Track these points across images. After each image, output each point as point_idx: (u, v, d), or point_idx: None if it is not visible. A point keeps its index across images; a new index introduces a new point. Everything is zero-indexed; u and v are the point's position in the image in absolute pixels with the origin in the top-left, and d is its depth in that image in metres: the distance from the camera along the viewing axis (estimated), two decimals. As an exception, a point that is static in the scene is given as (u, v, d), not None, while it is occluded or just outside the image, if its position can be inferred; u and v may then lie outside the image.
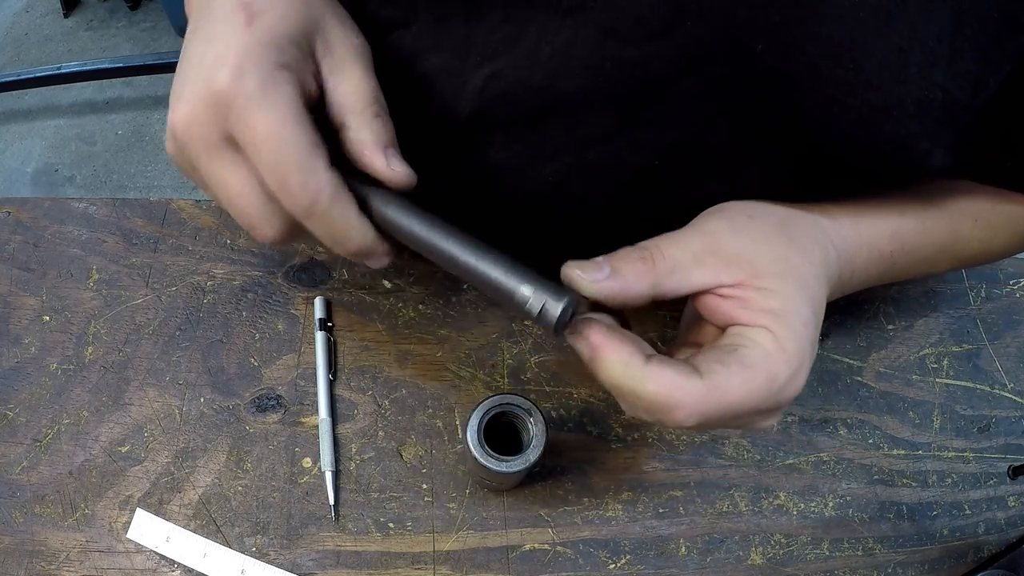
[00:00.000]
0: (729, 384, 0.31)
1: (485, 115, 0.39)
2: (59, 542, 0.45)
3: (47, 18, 1.95)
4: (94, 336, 0.51)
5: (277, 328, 0.52)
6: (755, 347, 0.32)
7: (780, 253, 0.34)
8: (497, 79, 0.37)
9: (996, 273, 0.58)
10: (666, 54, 0.33)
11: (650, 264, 0.33)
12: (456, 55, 0.38)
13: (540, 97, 0.37)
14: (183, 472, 0.47)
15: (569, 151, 0.39)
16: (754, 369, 0.32)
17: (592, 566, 0.46)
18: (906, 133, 0.33)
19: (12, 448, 0.47)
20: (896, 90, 0.32)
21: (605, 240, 0.46)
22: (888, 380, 0.53)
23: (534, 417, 0.40)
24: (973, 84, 0.32)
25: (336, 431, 0.49)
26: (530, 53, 0.36)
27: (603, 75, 0.35)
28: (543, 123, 0.38)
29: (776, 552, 0.47)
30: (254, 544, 0.45)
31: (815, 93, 0.33)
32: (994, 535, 0.49)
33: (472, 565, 0.46)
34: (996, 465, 0.51)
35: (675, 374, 0.31)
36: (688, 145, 0.37)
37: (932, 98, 0.32)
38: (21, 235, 0.54)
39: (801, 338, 0.33)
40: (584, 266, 0.33)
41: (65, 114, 1.81)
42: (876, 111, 0.32)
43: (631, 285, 0.32)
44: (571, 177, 0.41)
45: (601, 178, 0.40)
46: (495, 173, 0.42)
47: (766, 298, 0.33)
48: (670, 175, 0.39)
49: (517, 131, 0.40)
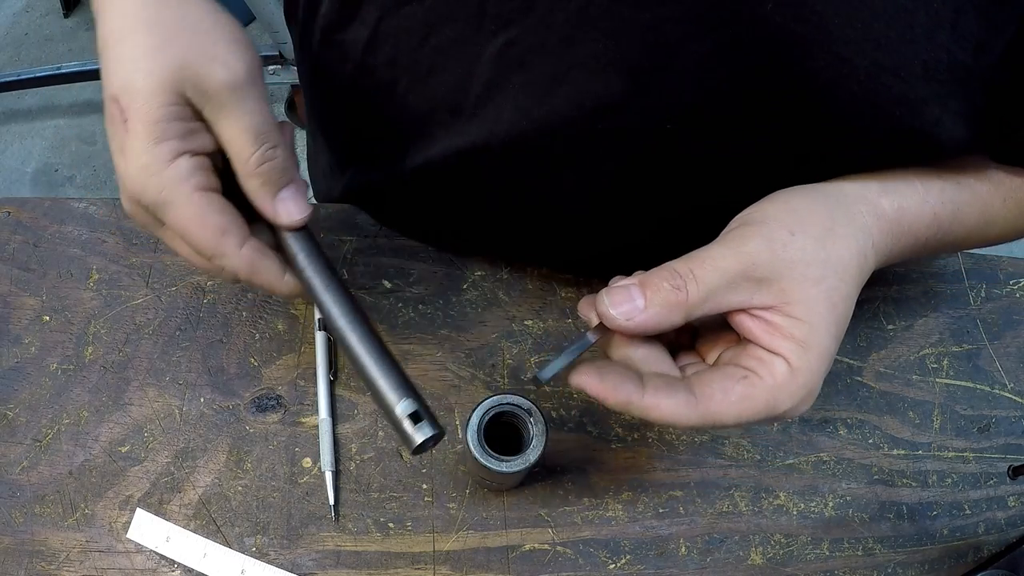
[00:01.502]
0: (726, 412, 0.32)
1: (499, 85, 0.40)
2: (59, 542, 0.45)
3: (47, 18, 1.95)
4: (94, 336, 0.51)
5: (277, 328, 0.52)
6: (766, 376, 0.33)
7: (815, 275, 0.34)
8: (512, 46, 0.38)
9: (996, 273, 0.58)
10: (678, 16, 0.34)
11: (683, 295, 0.33)
12: (470, 25, 0.38)
13: (554, 65, 0.37)
14: (183, 472, 0.47)
15: (581, 119, 0.39)
16: (754, 400, 0.32)
17: (592, 566, 0.46)
18: (914, 97, 0.34)
19: (12, 448, 0.47)
20: (903, 50, 0.32)
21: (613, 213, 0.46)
22: (888, 380, 0.53)
23: (534, 417, 0.40)
24: (976, 45, 0.33)
25: (336, 431, 0.49)
26: (544, 19, 0.36)
27: (615, 39, 0.35)
28: (556, 91, 0.38)
29: (776, 552, 0.47)
30: (254, 544, 0.45)
31: (825, 53, 0.33)
32: (994, 535, 0.49)
33: (472, 565, 0.46)
34: (996, 465, 0.51)
35: (673, 404, 0.32)
36: (699, 111, 0.37)
37: (938, 60, 0.33)
38: (21, 235, 0.54)
39: (815, 371, 0.33)
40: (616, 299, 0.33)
41: (65, 114, 1.81)
42: (884, 71, 0.33)
43: (664, 318, 0.33)
44: (582, 147, 0.41)
45: (611, 148, 0.40)
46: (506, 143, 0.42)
47: (792, 326, 0.33)
48: (680, 146, 0.39)
49: (529, 101, 0.40)
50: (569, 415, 0.50)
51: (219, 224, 0.34)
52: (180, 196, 0.34)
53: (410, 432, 0.33)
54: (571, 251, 0.52)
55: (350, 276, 0.54)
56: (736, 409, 0.32)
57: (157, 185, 0.33)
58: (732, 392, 0.32)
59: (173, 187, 0.33)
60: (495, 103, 0.40)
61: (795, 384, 0.33)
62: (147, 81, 0.33)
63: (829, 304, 0.33)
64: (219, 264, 0.35)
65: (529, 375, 0.51)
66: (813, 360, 0.33)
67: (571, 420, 0.50)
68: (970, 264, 0.58)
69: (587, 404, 0.50)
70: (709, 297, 0.33)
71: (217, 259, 0.35)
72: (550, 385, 0.51)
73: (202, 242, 0.34)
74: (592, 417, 0.50)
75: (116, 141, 0.34)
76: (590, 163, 0.42)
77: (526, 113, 0.40)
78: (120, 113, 0.33)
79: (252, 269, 0.36)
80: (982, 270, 0.58)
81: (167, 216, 0.34)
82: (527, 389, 0.51)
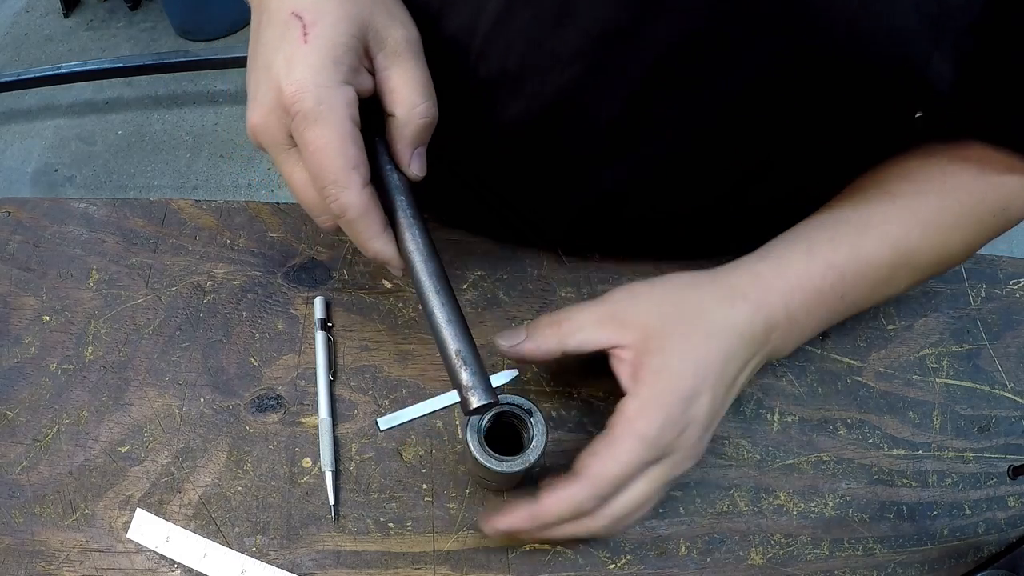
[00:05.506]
0: (603, 468, 0.37)
1: (506, 21, 0.41)
2: (59, 542, 0.45)
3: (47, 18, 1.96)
4: (94, 336, 0.51)
5: (277, 328, 0.52)
6: (620, 417, 0.38)
7: (669, 313, 0.39)
8: None
9: (996, 273, 0.58)
10: None
11: (556, 327, 0.40)
12: None
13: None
14: (183, 472, 0.47)
15: (586, 53, 0.40)
16: (620, 440, 0.37)
17: (592, 566, 0.46)
18: (905, 26, 0.35)
19: (12, 448, 0.47)
20: None
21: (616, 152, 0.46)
22: (888, 380, 0.53)
23: (534, 417, 0.40)
24: None
25: (336, 431, 0.49)
26: None
27: None
28: (563, 24, 0.39)
29: (776, 552, 0.47)
30: (254, 544, 0.45)
31: None
32: (994, 535, 0.49)
33: (472, 565, 0.46)
34: (996, 465, 0.51)
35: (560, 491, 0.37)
36: (700, 37, 0.38)
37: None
38: (21, 235, 0.54)
39: (671, 391, 0.38)
40: (506, 335, 0.41)
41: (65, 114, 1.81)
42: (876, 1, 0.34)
43: (541, 344, 0.40)
44: (586, 84, 0.42)
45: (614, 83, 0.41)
46: (514, 81, 0.44)
47: (650, 358, 0.38)
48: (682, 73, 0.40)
49: (538, 37, 0.41)
50: (569, 415, 0.50)
51: (355, 156, 0.35)
52: (334, 116, 0.34)
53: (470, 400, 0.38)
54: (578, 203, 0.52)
55: (350, 276, 0.54)
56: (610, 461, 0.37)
57: (319, 97, 0.33)
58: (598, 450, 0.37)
59: (331, 105, 0.34)
60: (504, 38, 0.42)
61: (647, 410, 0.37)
62: (338, 11, 0.34)
63: (684, 333, 0.39)
64: (336, 195, 0.35)
65: None
66: (664, 382, 0.38)
67: (571, 420, 0.50)
68: (970, 264, 0.58)
69: (587, 404, 0.50)
70: (579, 329, 0.40)
71: (337, 189, 0.35)
72: (549, 385, 0.51)
73: (333, 167, 0.34)
74: (592, 417, 0.50)
75: (284, 52, 0.34)
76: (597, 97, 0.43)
77: (536, 45, 0.41)
78: (301, 27, 0.34)
79: (364, 210, 0.36)
80: (982, 270, 0.58)
81: (310, 132, 0.34)
82: (526, 390, 0.51)
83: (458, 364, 0.38)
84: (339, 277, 0.54)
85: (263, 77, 0.35)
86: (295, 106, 0.34)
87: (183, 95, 1.85)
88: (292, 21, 0.34)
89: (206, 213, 0.56)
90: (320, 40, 0.34)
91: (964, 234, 0.45)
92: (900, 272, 0.44)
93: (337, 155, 0.34)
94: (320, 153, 0.34)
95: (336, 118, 0.34)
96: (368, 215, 0.36)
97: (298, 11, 0.34)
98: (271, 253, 0.54)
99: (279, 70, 0.34)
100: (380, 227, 0.37)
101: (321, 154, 0.34)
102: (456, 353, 0.38)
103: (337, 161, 0.34)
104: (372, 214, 0.37)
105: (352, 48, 0.35)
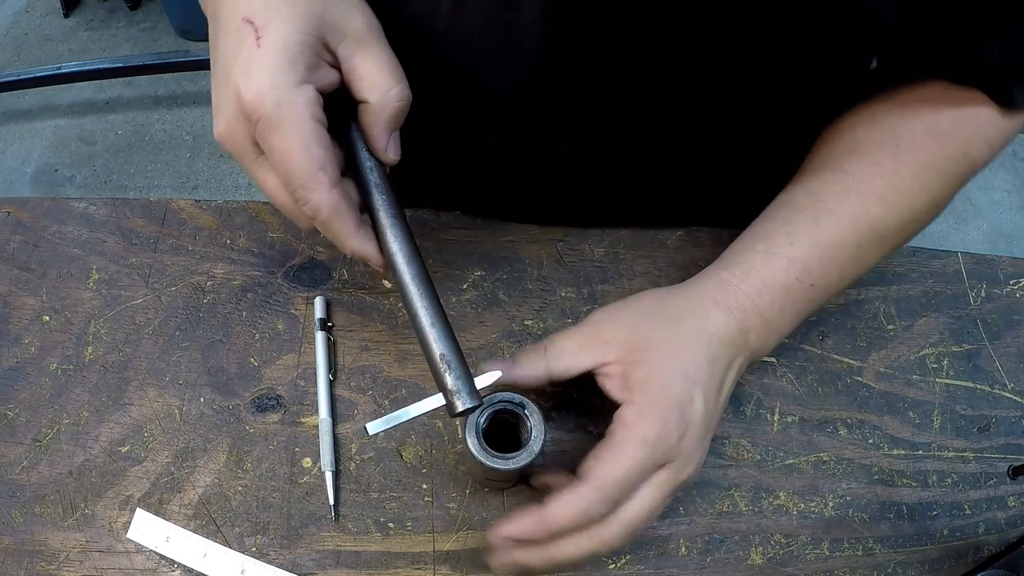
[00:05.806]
0: (608, 470, 0.37)
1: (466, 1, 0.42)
2: (59, 542, 0.45)
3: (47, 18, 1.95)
4: (94, 336, 0.51)
5: (277, 328, 0.52)
6: (620, 424, 0.38)
7: (648, 325, 0.41)
8: None
9: (996, 273, 0.58)
10: None
11: (541, 352, 0.41)
12: None
13: None
14: (183, 472, 0.47)
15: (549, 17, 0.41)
16: (622, 444, 0.37)
17: (592, 566, 0.46)
18: None
19: (12, 448, 0.47)
20: None
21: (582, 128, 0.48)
22: (888, 380, 0.53)
23: (528, 408, 0.40)
24: None
25: (336, 431, 0.49)
26: None
27: None
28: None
29: (776, 552, 0.47)
30: (254, 544, 0.45)
31: None
32: (994, 535, 0.49)
33: (472, 565, 0.46)
34: (996, 465, 0.51)
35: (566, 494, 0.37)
36: None
37: None
38: (21, 235, 0.54)
39: (665, 395, 0.38)
40: (493, 363, 0.42)
41: (65, 114, 1.81)
42: None
43: (527, 371, 0.41)
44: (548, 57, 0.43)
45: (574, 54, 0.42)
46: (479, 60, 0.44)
47: (637, 369, 0.39)
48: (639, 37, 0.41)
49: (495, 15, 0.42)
50: (569, 415, 0.50)
51: (321, 157, 0.35)
52: (295, 118, 0.34)
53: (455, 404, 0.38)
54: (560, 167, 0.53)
55: (350, 275, 0.54)
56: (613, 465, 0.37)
57: (278, 101, 0.33)
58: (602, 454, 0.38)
59: (292, 107, 0.33)
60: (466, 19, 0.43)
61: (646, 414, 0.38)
62: (289, 10, 0.34)
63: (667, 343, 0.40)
64: (305, 198, 0.35)
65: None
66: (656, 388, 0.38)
67: (571, 420, 0.50)
68: (970, 264, 0.58)
69: (587, 404, 0.50)
70: (563, 354, 0.41)
71: (306, 192, 0.35)
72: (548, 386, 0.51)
73: (299, 170, 0.34)
74: (592, 417, 0.50)
75: (240, 59, 0.34)
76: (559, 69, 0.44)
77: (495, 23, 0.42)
78: (253, 32, 0.34)
79: (336, 210, 0.36)
80: (982, 270, 0.58)
81: (273, 137, 0.34)
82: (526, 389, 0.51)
83: (443, 368, 0.38)
84: (339, 277, 0.54)
85: (223, 87, 0.35)
86: (255, 112, 0.33)
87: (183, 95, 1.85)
88: (244, 27, 0.34)
89: (206, 213, 0.56)
90: (273, 42, 0.34)
91: (928, 191, 0.45)
92: (867, 246, 0.44)
93: (303, 157, 0.34)
94: (286, 157, 0.34)
95: (298, 119, 0.34)
96: (340, 214, 0.36)
97: (249, 16, 0.34)
98: (271, 253, 0.54)
99: (237, 78, 0.34)
100: (354, 225, 0.37)
101: (287, 158, 0.34)
102: (440, 357, 0.38)
103: (303, 163, 0.34)
104: (344, 213, 0.36)
105: (308, 45, 0.34)
